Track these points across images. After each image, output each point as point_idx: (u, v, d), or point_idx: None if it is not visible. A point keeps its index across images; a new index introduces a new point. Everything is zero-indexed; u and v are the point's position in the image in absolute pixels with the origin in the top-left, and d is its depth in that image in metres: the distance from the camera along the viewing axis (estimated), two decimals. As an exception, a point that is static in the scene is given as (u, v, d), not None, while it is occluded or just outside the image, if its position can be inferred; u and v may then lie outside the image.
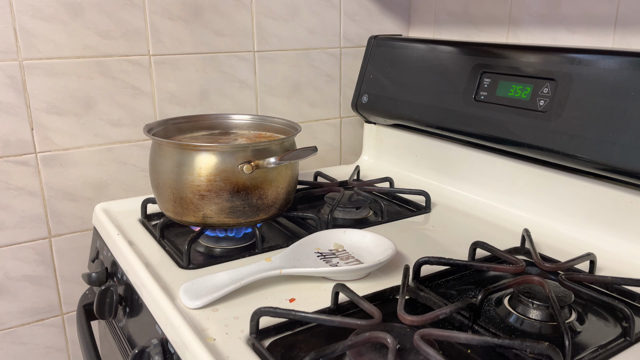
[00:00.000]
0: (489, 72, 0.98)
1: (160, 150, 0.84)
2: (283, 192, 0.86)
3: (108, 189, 1.09)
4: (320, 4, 1.23)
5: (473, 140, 1.01)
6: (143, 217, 0.96)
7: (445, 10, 1.26)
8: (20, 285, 1.05)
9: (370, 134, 1.30)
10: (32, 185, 1.02)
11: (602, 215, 0.84)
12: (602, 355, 0.59)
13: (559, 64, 0.88)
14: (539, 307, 0.64)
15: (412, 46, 1.16)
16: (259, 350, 0.59)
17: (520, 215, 0.95)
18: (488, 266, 0.75)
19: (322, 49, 1.27)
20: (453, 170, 1.09)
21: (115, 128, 1.07)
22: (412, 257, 0.80)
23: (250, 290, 0.71)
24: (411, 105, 1.13)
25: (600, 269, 0.78)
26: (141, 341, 0.73)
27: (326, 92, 1.31)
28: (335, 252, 0.79)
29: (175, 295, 0.70)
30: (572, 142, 0.83)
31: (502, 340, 0.54)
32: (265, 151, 0.82)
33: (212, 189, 0.80)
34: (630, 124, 0.77)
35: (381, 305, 0.69)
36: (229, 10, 1.13)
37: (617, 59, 0.80)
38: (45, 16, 0.97)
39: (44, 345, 1.11)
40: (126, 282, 0.81)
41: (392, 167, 1.24)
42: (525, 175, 0.95)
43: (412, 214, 1.00)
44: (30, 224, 1.04)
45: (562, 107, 0.85)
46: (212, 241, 0.87)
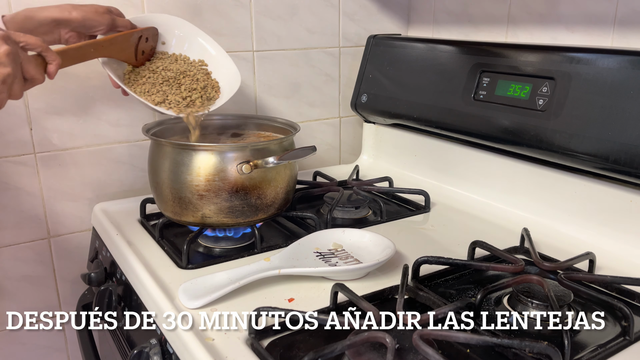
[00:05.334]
0: (488, 72, 0.98)
1: (159, 150, 0.84)
2: (282, 191, 0.86)
3: (107, 189, 1.09)
4: (320, 4, 1.23)
5: (472, 139, 1.01)
6: (142, 217, 0.96)
7: (444, 10, 1.26)
8: (20, 285, 1.05)
9: (369, 133, 1.30)
10: (31, 186, 1.02)
11: (602, 215, 0.84)
12: (602, 354, 0.59)
13: (558, 63, 0.88)
14: (538, 306, 0.64)
15: (412, 45, 1.16)
16: (258, 350, 0.58)
17: (519, 215, 0.94)
18: (487, 265, 0.75)
19: (321, 48, 1.27)
20: (452, 170, 1.09)
21: (114, 128, 1.07)
22: (411, 256, 0.80)
23: (249, 290, 0.71)
24: (410, 105, 1.13)
25: (599, 268, 0.78)
26: (140, 341, 0.73)
27: (325, 91, 1.31)
28: (334, 252, 0.79)
29: (174, 295, 0.70)
30: (571, 141, 0.83)
31: (501, 339, 0.54)
32: (264, 151, 0.82)
33: (210, 188, 0.80)
34: (629, 122, 0.77)
35: (380, 305, 0.68)
36: (228, 10, 1.12)
37: (616, 58, 0.80)
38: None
39: (44, 346, 1.10)
40: (125, 282, 0.81)
41: (391, 166, 1.24)
42: (524, 174, 0.95)
43: (412, 214, 1.00)
44: (29, 224, 1.03)
45: (561, 106, 0.85)
46: (211, 241, 0.87)
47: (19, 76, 0.63)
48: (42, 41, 0.67)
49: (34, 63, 0.66)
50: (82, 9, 0.81)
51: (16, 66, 0.61)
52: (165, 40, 0.95)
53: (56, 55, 0.70)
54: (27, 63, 0.64)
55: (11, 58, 0.60)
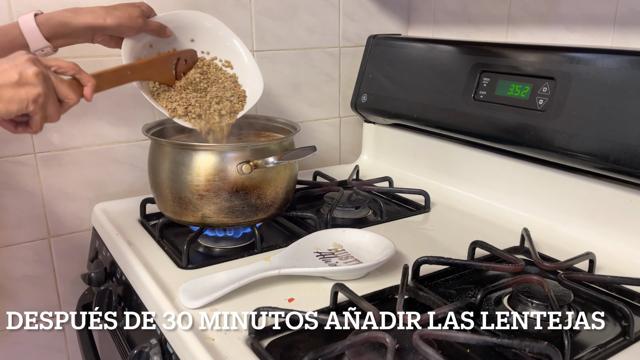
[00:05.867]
0: (488, 72, 0.98)
1: (159, 150, 0.84)
2: (282, 191, 0.86)
3: (107, 189, 1.09)
4: (319, 4, 1.23)
5: (472, 139, 1.01)
6: (142, 217, 0.96)
7: (444, 10, 1.26)
8: (20, 285, 1.05)
9: (369, 133, 1.30)
10: (31, 186, 1.02)
11: (602, 214, 0.84)
12: (602, 354, 0.59)
13: (558, 63, 0.88)
14: (538, 306, 0.64)
15: (412, 45, 1.16)
16: (258, 350, 0.58)
17: (519, 215, 0.94)
18: (487, 265, 0.75)
19: (321, 48, 1.27)
20: (452, 170, 1.09)
21: (114, 128, 1.07)
22: (411, 256, 0.80)
23: (249, 290, 0.71)
24: (410, 105, 1.13)
25: (599, 268, 0.78)
26: (140, 341, 0.73)
27: (325, 91, 1.31)
28: (334, 252, 0.79)
29: (174, 295, 0.70)
30: (571, 141, 0.83)
31: (501, 339, 0.54)
32: (264, 151, 0.82)
33: (210, 188, 0.80)
34: (629, 122, 0.77)
35: (380, 304, 0.68)
36: (228, 10, 1.12)
37: (616, 58, 0.80)
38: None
39: (43, 346, 1.10)
40: (125, 282, 0.81)
41: (391, 166, 1.24)
42: (524, 174, 0.95)
43: (412, 214, 1.00)
44: (29, 224, 1.03)
45: (561, 106, 0.85)
46: (211, 241, 0.87)
47: (52, 97, 0.62)
48: (75, 64, 0.68)
49: (67, 84, 0.65)
50: (116, 14, 0.81)
51: (48, 87, 0.61)
52: (195, 38, 0.94)
53: (90, 77, 0.69)
54: (59, 84, 0.64)
55: (41, 78, 0.60)
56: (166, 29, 0.89)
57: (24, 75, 0.59)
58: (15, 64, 0.59)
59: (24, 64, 0.60)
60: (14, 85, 0.58)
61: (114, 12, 0.80)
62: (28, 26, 0.77)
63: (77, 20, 0.78)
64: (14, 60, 0.60)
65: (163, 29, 0.88)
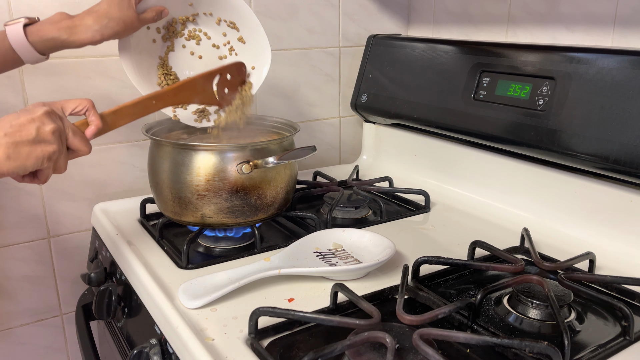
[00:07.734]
0: (488, 71, 0.98)
1: (159, 150, 0.84)
2: (282, 191, 0.86)
3: (107, 189, 1.09)
4: (320, 4, 1.23)
5: (472, 139, 1.01)
6: (142, 217, 0.96)
7: (444, 10, 1.26)
8: (19, 285, 1.05)
9: (369, 133, 1.30)
10: (30, 185, 1.02)
11: (602, 214, 0.84)
12: (602, 354, 0.59)
13: (558, 63, 0.88)
14: (538, 306, 0.64)
15: (412, 45, 1.16)
16: (258, 350, 0.58)
17: (519, 215, 0.95)
18: (487, 265, 0.74)
19: (321, 48, 1.27)
20: (452, 170, 1.09)
21: (114, 128, 1.07)
22: (411, 256, 0.80)
23: (249, 290, 0.71)
24: (410, 105, 1.13)
25: (599, 268, 0.78)
26: (140, 341, 0.73)
27: (325, 91, 1.31)
28: (334, 252, 0.79)
29: (174, 296, 0.70)
30: (571, 141, 0.83)
31: (501, 339, 0.54)
32: (264, 151, 0.82)
33: (210, 188, 0.80)
34: (629, 122, 0.77)
35: (380, 304, 0.68)
36: (228, 10, 1.12)
37: (616, 58, 0.80)
38: (42, 16, 0.96)
39: (43, 346, 1.10)
40: (125, 282, 0.81)
41: (391, 166, 1.24)
42: (524, 174, 0.95)
43: (412, 214, 1.00)
44: (29, 224, 1.03)
45: (561, 106, 0.85)
46: (211, 241, 0.87)
47: (64, 152, 0.63)
48: (89, 101, 0.68)
49: (80, 135, 0.65)
50: (111, 26, 0.78)
51: (62, 143, 0.62)
52: (193, 1, 0.89)
53: (97, 119, 0.69)
54: (73, 138, 0.64)
55: (57, 136, 0.60)
56: (162, 11, 0.84)
57: (40, 133, 0.59)
58: (33, 118, 0.59)
59: (41, 119, 0.59)
60: (30, 143, 0.58)
61: (109, 23, 0.78)
62: (19, 41, 0.75)
63: (73, 40, 0.77)
64: (32, 114, 0.59)
65: (159, 14, 0.84)
